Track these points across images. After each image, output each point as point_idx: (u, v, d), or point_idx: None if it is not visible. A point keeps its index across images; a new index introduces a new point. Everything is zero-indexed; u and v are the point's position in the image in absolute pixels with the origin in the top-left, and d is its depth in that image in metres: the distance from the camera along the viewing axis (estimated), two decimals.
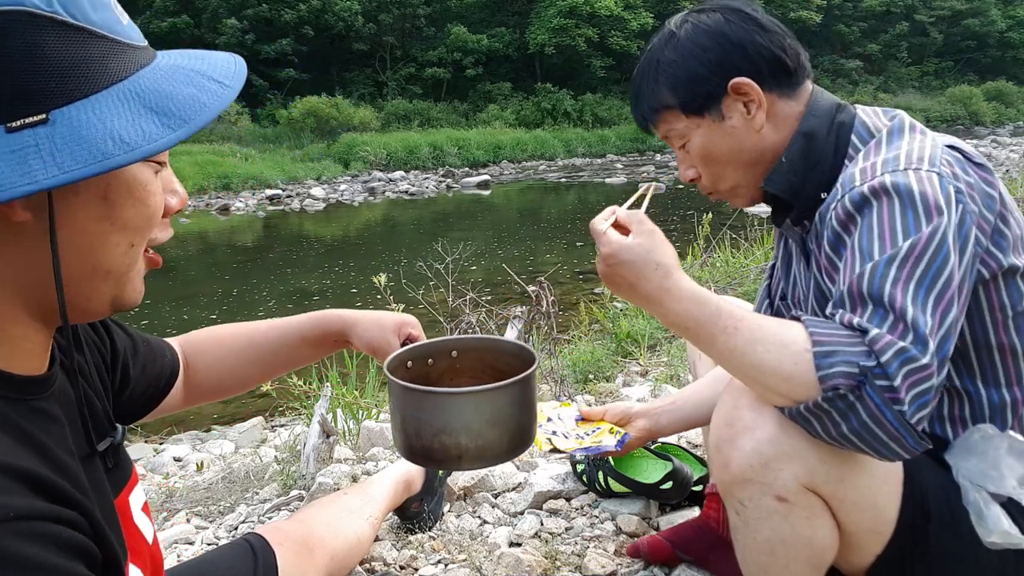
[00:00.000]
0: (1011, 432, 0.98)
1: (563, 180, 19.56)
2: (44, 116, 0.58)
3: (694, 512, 1.62)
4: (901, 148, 1.01)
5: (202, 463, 2.67)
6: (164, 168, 0.73)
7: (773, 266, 1.36)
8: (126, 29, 0.66)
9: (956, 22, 36.99)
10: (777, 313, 1.29)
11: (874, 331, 0.87)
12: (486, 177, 19.04)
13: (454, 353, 1.20)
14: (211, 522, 1.91)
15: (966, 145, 1.05)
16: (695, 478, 1.63)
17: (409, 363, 1.16)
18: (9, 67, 0.58)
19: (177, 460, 3.06)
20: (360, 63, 28.60)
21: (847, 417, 0.86)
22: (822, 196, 1.08)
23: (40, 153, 0.57)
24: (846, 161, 1.07)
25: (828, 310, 0.94)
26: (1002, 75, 36.83)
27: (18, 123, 0.58)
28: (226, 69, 0.70)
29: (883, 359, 0.85)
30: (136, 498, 0.88)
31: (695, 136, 1.14)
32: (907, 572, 1.00)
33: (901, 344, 0.86)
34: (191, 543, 1.76)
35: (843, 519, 0.98)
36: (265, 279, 8.89)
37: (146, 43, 0.69)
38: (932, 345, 0.86)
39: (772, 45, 1.10)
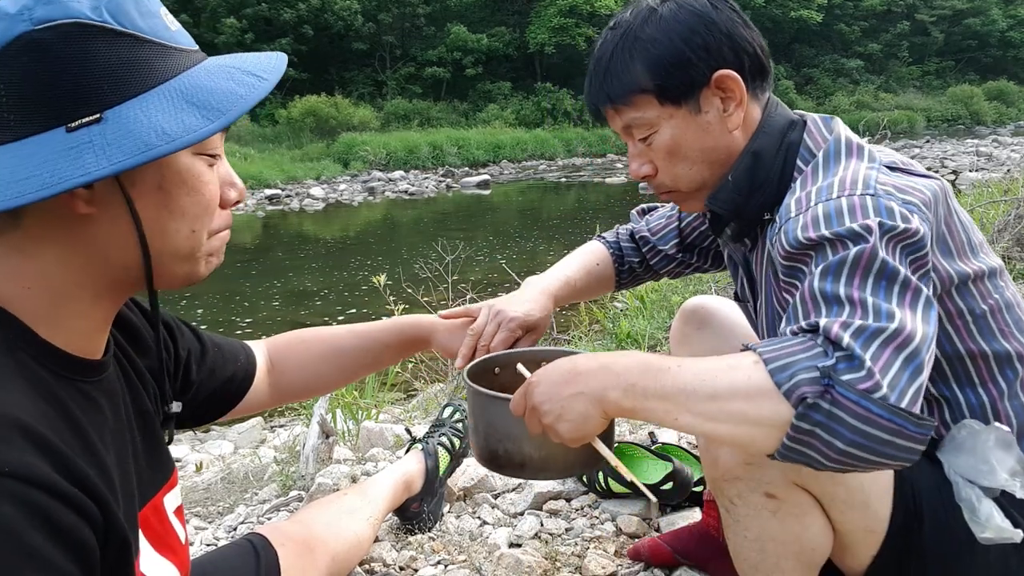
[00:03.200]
0: (996, 424, 0.97)
1: (563, 180, 19.56)
2: (98, 116, 0.64)
3: (695, 513, 1.62)
4: (836, 176, 0.97)
5: (201, 464, 2.67)
6: (220, 162, 0.77)
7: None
8: (174, 35, 0.71)
9: (957, 21, 36.97)
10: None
11: (824, 320, 0.80)
12: (486, 177, 19.03)
13: (544, 363, 1.19)
14: (210, 523, 1.91)
15: (906, 159, 1.02)
16: (695, 479, 1.62)
17: (497, 369, 1.16)
18: (67, 72, 0.64)
19: (176, 461, 3.06)
20: (359, 62, 28.59)
21: (835, 430, 0.75)
22: (765, 216, 1.06)
23: (93, 149, 0.63)
24: (792, 184, 1.03)
25: (780, 329, 0.87)
26: (1003, 75, 36.81)
27: (76, 123, 0.64)
28: (265, 64, 0.75)
29: (843, 344, 0.76)
30: (171, 500, 0.89)
31: (664, 128, 1.04)
32: (904, 573, 1.00)
33: (860, 322, 0.78)
34: (191, 543, 1.75)
35: (835, 517, 0.98)
36: (264, 279, 8.89)
37: (196, 47, 0.74)
38: (900, 313, 0.79)
39: (754, 41, 1.05)
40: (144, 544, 0.79)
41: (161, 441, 0.89)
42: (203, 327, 1.22)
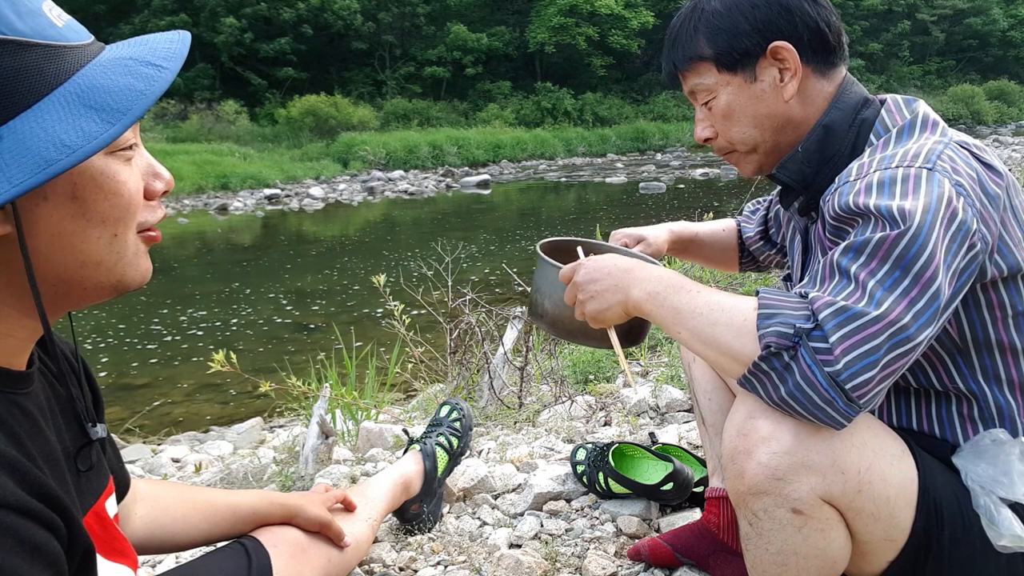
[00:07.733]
0: (1022, 438, 0.97)
1: (563, 180, 19.55)
2: None
3: (695, 513, 1.61)
4: (903, 147, 1.00)
5: (200, 464, 2.66)
6: (138, 152, 0.73)
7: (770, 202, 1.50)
8: (62, 31, 0.66)
9: (958, 21, 36.98)
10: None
11: (815, 293, 0.89)
12: (486, 176, 19.04)
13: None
14: None
15: (979, 145, 1.03)
16: (695, 479, 1.62)
17: (579, 249, 1.35)
18: None
19: (175, 461, 3.05)
20: (359, 62, 28.59)
21: (784, 379, 0.88)
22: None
23: None
24: (862, 155, 1.06)
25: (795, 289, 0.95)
26: (1004, 74, 36.83)
27: None
28: (166, 50, 0.70)
29: (820, 317, 0.86)
30: (111, 507, 0.87)
31: (722, 93, 1.12)
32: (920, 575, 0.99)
33: (843, 304, 0.86)
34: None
35: (858, 529, 0.97)
36: (264, 279, 8.88)
37: (89, 39, 0.69)
38: (891, 304, 0.85)
39: (819, 17, 1.08)
40: None
41: (93, 450, 0.86)
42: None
